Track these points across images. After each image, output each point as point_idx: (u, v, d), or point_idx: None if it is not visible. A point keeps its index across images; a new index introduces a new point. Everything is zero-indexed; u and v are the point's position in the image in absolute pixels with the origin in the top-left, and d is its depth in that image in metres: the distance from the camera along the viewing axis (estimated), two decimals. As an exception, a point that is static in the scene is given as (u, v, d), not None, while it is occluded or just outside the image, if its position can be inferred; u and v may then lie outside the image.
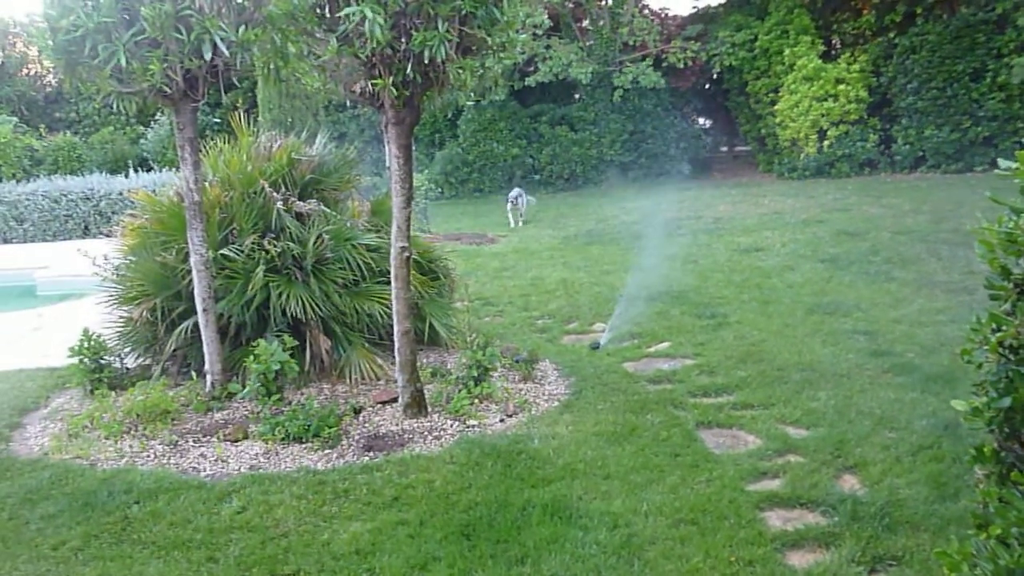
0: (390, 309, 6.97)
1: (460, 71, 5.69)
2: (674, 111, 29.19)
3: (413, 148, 6.65)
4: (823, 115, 23.96)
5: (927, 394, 6.71)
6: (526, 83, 26.27)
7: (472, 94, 6.41)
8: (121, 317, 7.74)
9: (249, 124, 8.84)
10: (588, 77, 26.43)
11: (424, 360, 8.15)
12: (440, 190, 25.58)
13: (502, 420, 6.57)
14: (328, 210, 7.91)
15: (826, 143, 24.06)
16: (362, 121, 29.93)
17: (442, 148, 28.89)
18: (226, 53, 6.09)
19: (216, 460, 5.97)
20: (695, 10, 30.41)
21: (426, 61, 5.55)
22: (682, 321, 9.55)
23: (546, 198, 25.84)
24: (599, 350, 8.62)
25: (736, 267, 12.43)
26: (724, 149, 35.38)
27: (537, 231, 18.55)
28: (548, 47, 26.69)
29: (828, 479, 5.32)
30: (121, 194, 19.56)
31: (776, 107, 25.18)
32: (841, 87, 23.59)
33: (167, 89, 6.35)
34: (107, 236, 12.63)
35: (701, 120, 33.70)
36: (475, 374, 7.03)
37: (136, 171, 22.29)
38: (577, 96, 29.03)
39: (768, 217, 17.23)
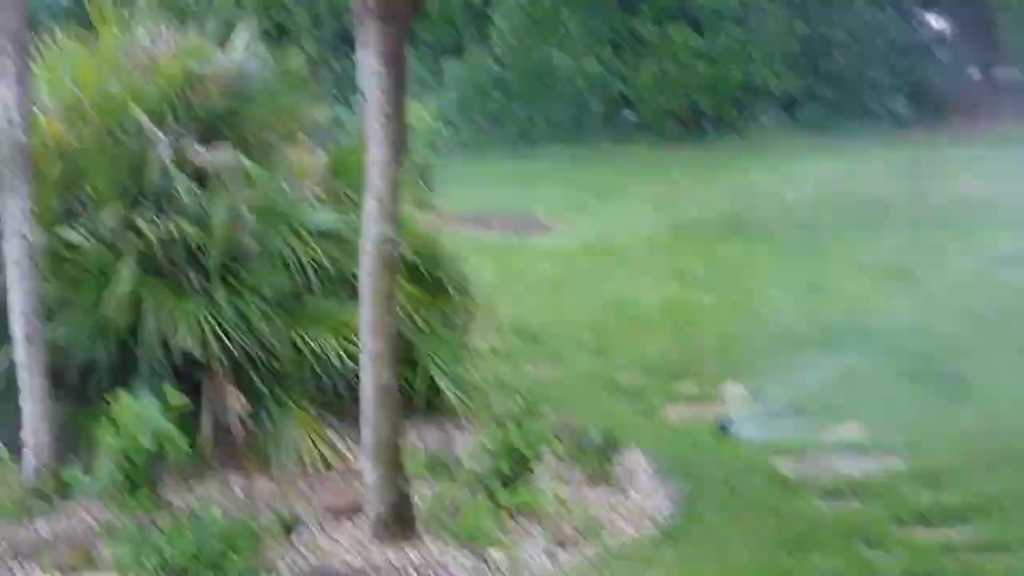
0: (355, 346, 6.99)
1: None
2: (883, 3, 29.04)
3: (408, 59, 6.73)
4: None
5: None
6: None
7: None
8: None
9: (117, 6, 8.94)
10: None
11: (416, 440, 8.12)
12: (455, 133, 25.70)
13: (550, 554, 6.55)
14: (252, 165, 7.97)
15: None
16: (320, 6, 30.21)
17: (460, 59, 29.02)
18: None
19: (37, 605, 6.02)
20: None
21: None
22: (886, 386, 9.44)
23: (646, 155, 25.84)
24: (732, 433, 8.58)
25: (991, 291, 12.31)
26: (975, 73, 35.11)
27: (625, 214, 18.53)
28: None
29: None
30: None
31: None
32: None
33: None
34: None
35: (933, 19, 33.49)
36: (505, 469, 7.01)
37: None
38: (708, -29, 29.06)
39: (1055, 201, 17.03)
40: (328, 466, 7.57)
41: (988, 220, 15.91)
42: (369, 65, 6.22)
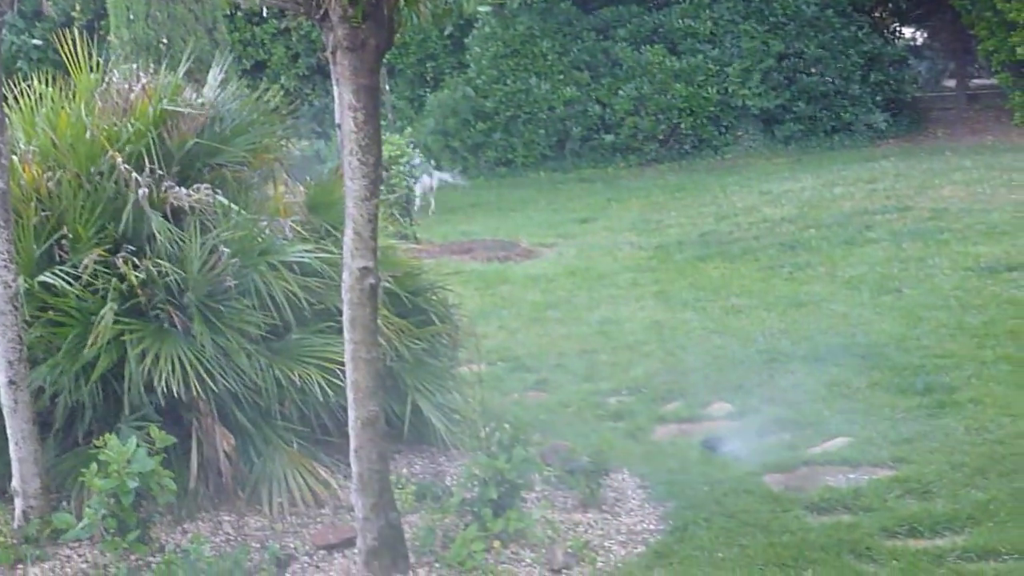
0: (340, 380, 7.00)
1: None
2: (858, 17, 29.21)
3: (385, 90, 6.74)
4: None
5: None
6: (588, -31, 26.50)
7: (489, -8, 6.48)
8: None
9: (93, 51, 8.97)
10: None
11: (404, 470, 8.14)
12: (435, 163, 25.78)
13: (543, 580, 6.57)
14: (229, 203, 7.99)
15: None
16: (295, 42, 30.30)
17: (439, 88, 29.13)
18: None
19: (30, 652, 6.02)
20: None
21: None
22: (873, 399, 9.48)
23: (627, 177, 25.91)
24: (720, 452, 8.61)
25: (971, 300, 12.36)
26: (950, 84, 35.32)
27: (609, 236, 18.58)
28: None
29: None
30: None
31: (1044, 8, 25.15)
32: None
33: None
34: None
35: (907, 32, 33.70)
36: (494, 496, 7.02)
37: None
38: (682, -9, 29.16)
39: (1031, 208, 17.12)
40: (318, 501, 7.59)
41: (969, 230, 15.96)
42: (343, 99, 6.25)
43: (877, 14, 30.88)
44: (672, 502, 7.58)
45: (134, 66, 9.01)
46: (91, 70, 8.69)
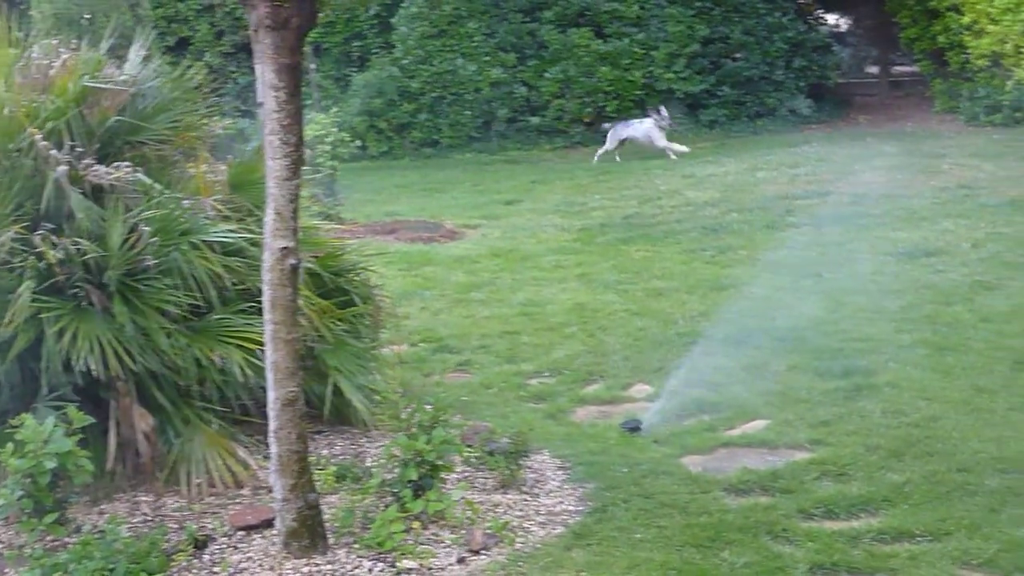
0: (260, 360, 6.98)
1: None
2: (782, 2, 29.43)
3: (308, 70, 6.72)
4: (1049, 11, 24.23)
5: None
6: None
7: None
8: None
9: (13, 25, 8.87)
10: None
11: (324, 451, 8.14)
12: (360, 143, 25.69)
13: (462, 560, 6.56)
14: (150, 181, 7.92)
15: (1054, 62, 24.34)
16: (219, 19, 30.06)
17: (365, 68, 29.02)
18: None
19: (-58, 633, 5.96)
20: None
21: (326, -85, 5.63)
22: (792, 382, 9.57)
23: (552, 159, 25.95)
24: (640, 434, 8.64)
25: (890, 285, 12.52)
26: (873, 71, 35.67)
27: (534, 218, 18.62)
28: None
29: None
30: None
31: (964, -3, 25.43)
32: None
33: None
34: None
35: (831, 19, 33.99)
36: (414, 477, 7.03)
37: None
38: (609, -25, 29.25)
39: (949, 194, 17.34)
40: (237, 482, 7.57)
41: (888, 215, 16.16)
42: (265, 78, 6.23)
43: (802, 0, 31.10)
44: (592, 483, 7.62)
45: (55, 41, 8.90)
46: (11, 45, 8.59)
